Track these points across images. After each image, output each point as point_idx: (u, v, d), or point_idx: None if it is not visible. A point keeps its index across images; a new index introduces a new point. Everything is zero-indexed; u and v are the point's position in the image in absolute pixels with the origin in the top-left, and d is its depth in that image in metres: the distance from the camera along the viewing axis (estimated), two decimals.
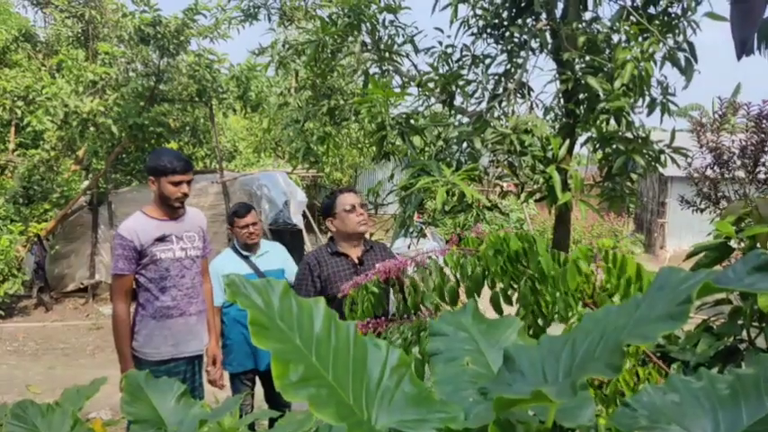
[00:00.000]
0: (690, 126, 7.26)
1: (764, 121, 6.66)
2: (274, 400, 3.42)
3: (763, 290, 0.57)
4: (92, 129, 7.33)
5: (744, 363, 1.42)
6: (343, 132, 9.28)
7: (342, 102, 4.50)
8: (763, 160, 6.74)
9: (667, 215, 13.45)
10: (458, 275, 1.65)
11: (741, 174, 6.94)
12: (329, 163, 12.84)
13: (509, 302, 1.61)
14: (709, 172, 7.10)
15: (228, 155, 11.57)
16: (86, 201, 8.45)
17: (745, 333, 1.47)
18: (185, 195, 2.82)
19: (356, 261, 2.74)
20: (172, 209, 2.84)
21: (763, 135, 6.66)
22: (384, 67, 3.91)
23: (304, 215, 9.66)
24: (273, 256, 3.49)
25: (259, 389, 3.47)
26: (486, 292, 1.62)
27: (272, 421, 2.78)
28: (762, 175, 6.76)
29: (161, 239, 2.78)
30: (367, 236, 2.92)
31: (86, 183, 8.76)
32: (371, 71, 3.91)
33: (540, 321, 1.53)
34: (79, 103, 6.95)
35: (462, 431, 0.72)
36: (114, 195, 8.52)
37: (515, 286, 1.58)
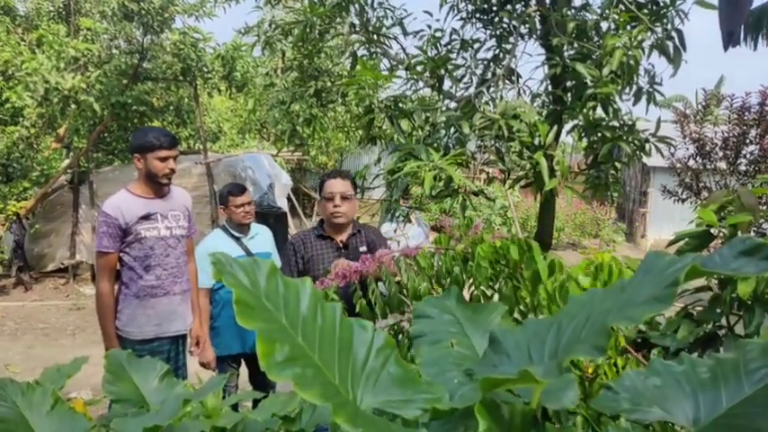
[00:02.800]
0: (674, 117, 7.32)
1: (747, 114, 6.74)
2: (259, 381, 3.42)
3: (750, 273, 0.58)
4: (73, 106, 7.16)
5: (722, 348, 1.45)
6: (329, 115, 9.18)
7: (329, 84, 4.44)
8: (744, 152, 6.83)
9: (649, 205, 13.62)
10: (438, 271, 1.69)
11: (723, 165, 7.02)
12: (315, 146, 12.73)
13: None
14: (691, 162, 7.18)
15: (213, 136, 11.40)
16: (67, 180, 8.29)
17: (724, 320, 1.50)
18: (173, 171, 2.80)
19: (340, 244, 2.74)
20: (158, 186, 2.81)
21: (745, 127, 6.75)
22: (372, 50, 3.87)
23: (289, 198, 9.59)
24: (263, 239, 3.48)
25: (243, 370, 3.47)
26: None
27: (255, 402, 2.79)
28: (743, 167, 6.86)
29: (146, 217, 2.76)
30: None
31: (67, 161, 8.59)
32: (360, 53, 3.87)
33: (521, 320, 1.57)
34: (60, 79, 6.78)
35: (448, 411, 0.72)
36: (96, 175, 8.37)
37: (495, 287, 1.62)
